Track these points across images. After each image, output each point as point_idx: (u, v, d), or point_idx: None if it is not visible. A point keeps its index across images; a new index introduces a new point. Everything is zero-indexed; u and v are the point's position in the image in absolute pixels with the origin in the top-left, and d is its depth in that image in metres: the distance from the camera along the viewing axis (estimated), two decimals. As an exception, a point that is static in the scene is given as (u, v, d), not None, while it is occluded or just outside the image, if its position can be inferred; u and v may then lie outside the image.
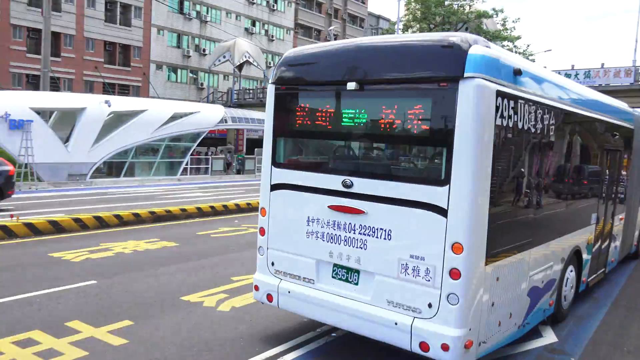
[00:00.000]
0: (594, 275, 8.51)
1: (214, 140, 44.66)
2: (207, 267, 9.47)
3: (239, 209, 16.87)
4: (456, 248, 4.52)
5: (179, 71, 47.06)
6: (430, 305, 4.66)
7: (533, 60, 41.17)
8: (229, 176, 32.83)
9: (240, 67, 47.05)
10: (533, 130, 5.46)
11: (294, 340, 6.11)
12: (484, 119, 4.54)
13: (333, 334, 6.32)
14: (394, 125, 5.03)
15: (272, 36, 54.40)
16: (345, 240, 5.23)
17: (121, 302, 7.24)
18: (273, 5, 54.21)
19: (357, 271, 5.22)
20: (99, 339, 5.90)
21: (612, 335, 6.79)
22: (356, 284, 5.22)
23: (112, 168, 26.91)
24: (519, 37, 34.76)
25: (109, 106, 24.79)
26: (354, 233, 5.16)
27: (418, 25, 34.03)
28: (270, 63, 53.95)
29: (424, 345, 4.66)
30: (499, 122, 4.72)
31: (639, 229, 11.31)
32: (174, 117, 28.95)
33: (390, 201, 4.92)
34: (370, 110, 5.23)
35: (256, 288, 6.10)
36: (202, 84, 48.02)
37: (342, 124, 5.42)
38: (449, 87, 4.54)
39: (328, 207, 5.33)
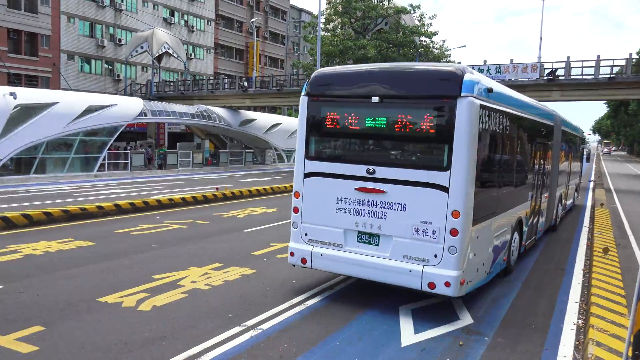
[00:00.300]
0: (529, 241, 10.83)
1: (133, 134, 42.99)
2: (126, 266, 9.13)
3: (160, 205, 16.36)
4: (455, 214, 6.47)
5: (93, 62, 44.68)
6: (435, 256, 6.57)
7: (449, 56, 42.95)
8: (150, 172, 31.73)
9: (159, 58, 45.42)
10: (498, 130, 7.68)
11: (218, 336, 6.05)
12: (473, 124, 6.50)
13: (259, 328, 6.33)
14: (407, 127, 6.87)
15: (193, 27, 52.84)
16: (369, 213, 7.04)
17: (31, 307, 6.82)
18: (193, -5, 52.73)
19: (378, 236, 7.03)
20: (5, 347, 5.54)
21: (522, 314, 7.26)
22: (377, 245, 7.03)
23: (21, 165, 25.16)
24: (435, 33, 36.01)
25: (15, 98, 23.18)
26: (376, 207, 6.99)
27: (339, 20, 34.43)
28: (191, 55, 52.48)
29: (431, 285, 6.56)
30: (481, 126, 6.74)
31: (557, 207, 14.07)
32: (89, 110, 27.53)
33: (405, 183, 6.81)
34: (388, 116, 7.00)
35: (292, 254, 7.73)
36: (118, 76, 45.84)
37: (366, 125, 7.17)
38: (450, 102, 6.48)
39: (355, 189, 7.12)
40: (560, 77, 30.67)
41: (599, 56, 29.95)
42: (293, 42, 70.08)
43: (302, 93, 7.67)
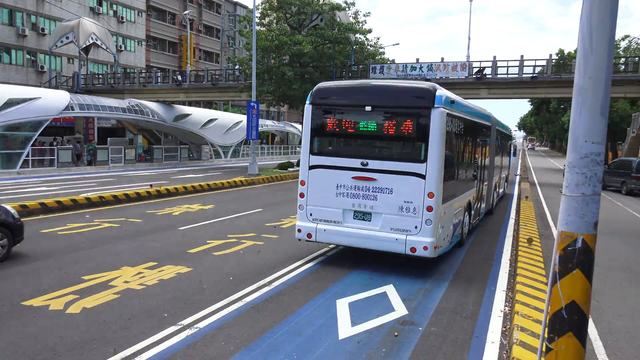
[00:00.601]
0: (475, 220, 13.09)
1: (60, 129, 40.90)
2: (53, 267, 8.68)
3: (90, 203, 15.67)
4: (430, 195, 8.39)
5: (13, 52, 42.02)
6: (416, 227, 8.47)
7: (383, 53, 43.72)
8: (79, 168, 30.32)
9: (86, 49, 43.38)
10: (457, 132, 9.93)
11: (152, 337, 5.88)
12: (442, 128, 8.43)
13: (196, 327, 6.20)
14: (393, 130, 8.77)
15: (122, 18, 50.81)
16: (363, 196, 8.85)
17: (-53, 314, 6.36)
18: (122, -16, 50.70)
19: (370, 213, 8.84)
20: None
21: (453, 304, 7.53)
22: (369, 221, 8.84)
23: None
24: (370, 31, 36.44)
25: None
26: (369, 191, 8.80)
27: (275, 14, 34.17)
28: (121, 46, 50.48)
29: (412, 249, 8.47)
30: (447, 129, 8.67)
31: (493, 194, 16.65)
32: (10, 104, 25.98)
33: (392, 172, 8.64)
34: (378, 121, 8.88)
35: (299, 231, 9.42)
36: (42, 67, 43.35)
37: (360, 128, 9.01)
38: (426, 112, 8.44)
39: (352, 177, 8.91)
40: (487, 76, 32.04)
41: (522, 56, 31.56)
42: (228, 36, 69.02)
43: (307, 102, 9.46)
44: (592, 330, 6.66)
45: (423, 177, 8.43)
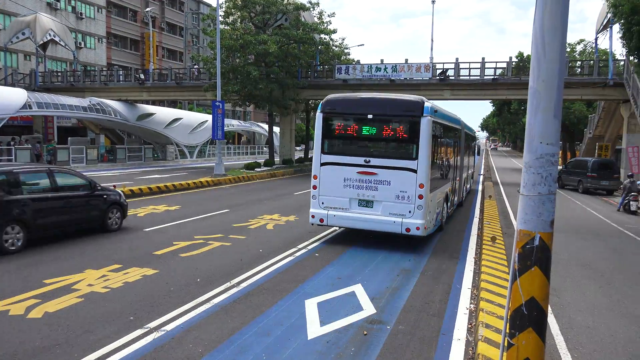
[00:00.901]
0: (450, 210, 14.94)
1: (17, 128, 39.58)
2: (12, 271, 8.43)
3: (49, 205, 15.23)
4: (421, 186, 10.29)
5: (-34, 48, 40.52)
6: (410, 212, 10.36)
7: (349, 53, 43.99)
8: (36, 168, 29.36)
9: (44, 46, 42.10)
10: (438, 135, 11.81)
11: (118, 340, 5.79)
12: (429, 132, 10.37)
13: (163, 329, 6.13)
14: (390, 133, 10.76)
15: (81, 14, 49.46)
16: (366, 188, 10.70)
17: None
18: (81, -20, 49.36)
19: (372, 201, 10.69)
20: None
21: (420, 302, 7.66)
22: (372, 207, 10.72)
23: None
24: (334, 31, 36.59)
25: None
26: (371, 184, 10.65)
27: (239, 13, 33.90)
28: (80, 43, 49.18)
29: (407, 229, 10.38)
30: (432, 133, 10.57)
31: (463, 188, 18.92)
32: (-38, 102, 24.97)
33: (390, 168, 10.52)
34: (377, 126, 10.77)
35: (312, 216, 11.24)
36: (-3, 64, 41.94)
37: (363, 132, 10.90)
38: (416, 119, 10.39)
39: (357, 172, 10.73)
40: (450, 78, 32.60)
41: (483, 59, 32.26)
42: (192, 34, 68.13)
43: (318, 110, 11.29)
44: (553, 325, 6.90)
45: (415, 171, 10.37)
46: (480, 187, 26.69)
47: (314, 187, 11.18)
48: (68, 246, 10.37)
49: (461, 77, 32.86)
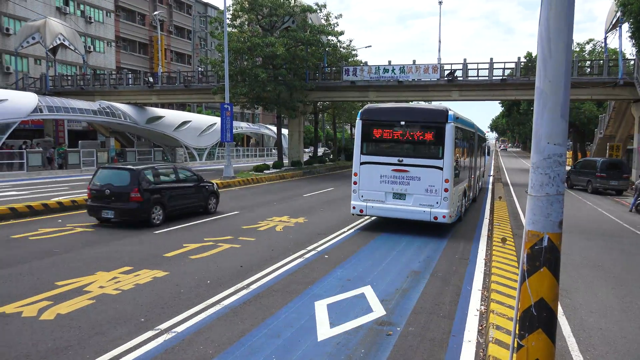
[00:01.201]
0: (467, 203, 16.78)
1: (28, 132, 40.00)
2: (26, 273, 8.52)
3: (62, 208, 15.39)
4: (446, 180, 12.13)
5: (-23, 53, 41.00)
6: (437, 203, 12.21)
7: (356, 55, 43.98)
8: (50, 172, 29.67)
9: (54, 50, 42.49)
10: (459, 138, 13.57)
11: (129, 342, 5.84)
12: (452, 136, 12.30)
13: (173, 331, 6.18)
14: (419, 137, 12.54)
15: (90, 18, 49.85)
16: (399, 183, 12.56)
17: None
18: (90, -16, 49.68)
19: (405, 194, 12.55)
20: None
21: (430, 304, 7.65)
22: (404, 199, 12.57)
23: None
24: (342, 33, 36.62)
25: None
26: (404, 179, 12.50)
27: (246, 16, 34.01)
28: (89, 47, 49.58)
29: (435, 218, 12.29)
30: (454, 137, 12.47)
31: (476, 185, 21.08)
32: (-26, 106, 25.26)
33: (420, 166, 12.34)
34: (410, 131, 12.62)
35: (353, 207, 13.12)
36: (8, 69, 42.29)
37: (396, 137, 12.78)
38: (441, 125, 12.25)
39: (391, 170, 12.59)
40: (458, 78, 32.50)
41: (492, 59, 32.11)
42: (200, 37, 68.44)
43: (358, 118, 13.25)
44: (565, 327, 6.86)
45: (441, 169, 12.32)
46: (490, 187, 26.58)
47: (355, 183, 13.20)
48: (79, 249, 10.46)
49: (469, 78, 32.75)
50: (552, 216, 3.45)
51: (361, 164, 13.03)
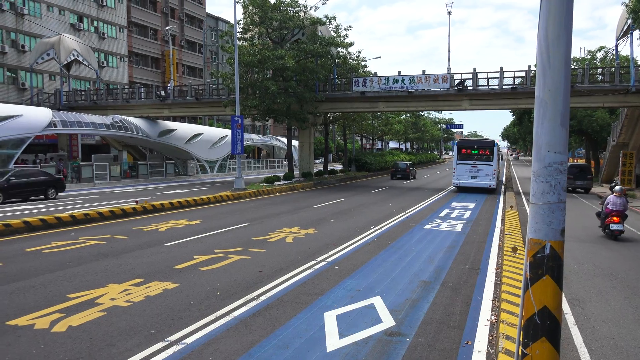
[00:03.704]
0: (498, 187, 33.77)
1: (43, 146, 40.62)
2: (39, 286, 8.63)
3: (75, 221, 15.57)
4: (494, 171, 31.48)
5: (-6, 70, 41.82)
6: (491, 180, 31.21)
7: (366, 66, 44.15)
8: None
9: (68, 66, 43.23)
10: (496, 153, 32.50)
11: (139, 354, 5.88)
12: (496, 152, 32.51)
13: (183, 342, 6.21)
14: (482, 152, 31.68)
15: (104, 34, 50.71)
16: (474, 172, 31.40)
17: None
18: (102, 1, 50.39)
19: (477, 177, 31.34)
20: None
21: (440, 314, 7.61)
22: (476, 179, 31.33)
23: None
24: (351, 44, 36.83)
25: None
26: (477, 171, 31.38)
27: (257, 29, 34.35)
28: (103, 63, 50.35)
29: (490, 187, 31.26)
30: (496, 151, 32.62)
31: (502, 177, 43.22)
32: (-10, 122, 25.71)
33: (483, 165, 31.51)
34: (478, 150, 31.78)
35: (453, 184, 32.12)
36: (23, 84, 43.08)
37: (472, 152, 31.87)
38: (492, 147, 32.10)
39: (470, 167, 31.48)
40: (468, 88, 32.49)
41: (502, 68, 32.08)
42: (211, 51, 69.16)
43: (455, 144, 33.15)
44: (577, 336, 6.80)
45: (492, 166, 30.47)
46: (501, 197, 26.49)
47: (454, 173, 31.53)
48: (91, 261, 10.56)
49: (479, 87, 32.73)
50: (554, 224, 3.45)
51: (457, 164, 31.40)
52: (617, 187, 14.73)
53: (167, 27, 54.75)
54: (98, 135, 42.30)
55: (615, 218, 14.35)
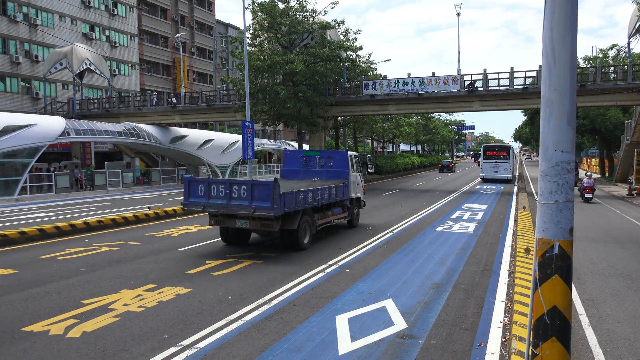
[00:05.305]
0: (512, 178, 47.49)
1: (57, 154, 41.05)
2: (53, 292, 8.73)
3: (89, 228, 15.73)
4: (511, 167, 45.79)
5: (7, 79, 42.32)
6: (509, 173, 45.16)
7: (375, 69, 44.13)
8: (77, 193, 30.37)
9: (80, 75, 43.71)
10: (513, 153, 48.89)
11: (152, 358, 5.92)
12: (512, 152, 47.59)
13: (196, 347, 6.25)
14: (501, 154, 45.79)
15: (115, 42, 51.20)
16: (496, 167, 45.12)
17: (-52, 343, 6.40)
18: (113, 10, 50.91)
19: (498, 171, 44.97)
20: None
21: (453, 316, 7.57)
22: (497, 172, 44.86)
23: None
24: (360, 47, 36.86)
25: None
26: (498, 167, 45.02)
27: (266, 35, 34.48)
28: (115, 71, 50.85)
29: (507, 179, 44.76)
30: (512, 152, 48.08)
31: (516, 171, 56.36)
32: (5, 131, 26.13)
33: (502, 162, 45.47)
34: (498, 152, 46.00)
35: (480, 177, 45.90)
36: (37, 94, 43.61)
37: (494, 153, 45.97)
38: (509, 149, 46.64)
39: (493, 164, 45.24)
40: (479, 89, 32.31)
41: (512, 68, 31.86)
42: (221, 57, 69.57)
43: (482, 148, 47.92)
44: (591, 337, 6.73)
45: (509, 162, 44.58)
46: (514, 199, 26.26)
47: (481, 168, 45.54)
48: (104, 268, 10.65)
49: (490, 88, 32.55)
50: (562, 223, 3.43)
51: (483, 162, 44.76)
52: (587, 174, 27.01)
53: (178, 35, 55.17)
54: (111, 143, 42.68)
55: (586, 190, 25.13)
